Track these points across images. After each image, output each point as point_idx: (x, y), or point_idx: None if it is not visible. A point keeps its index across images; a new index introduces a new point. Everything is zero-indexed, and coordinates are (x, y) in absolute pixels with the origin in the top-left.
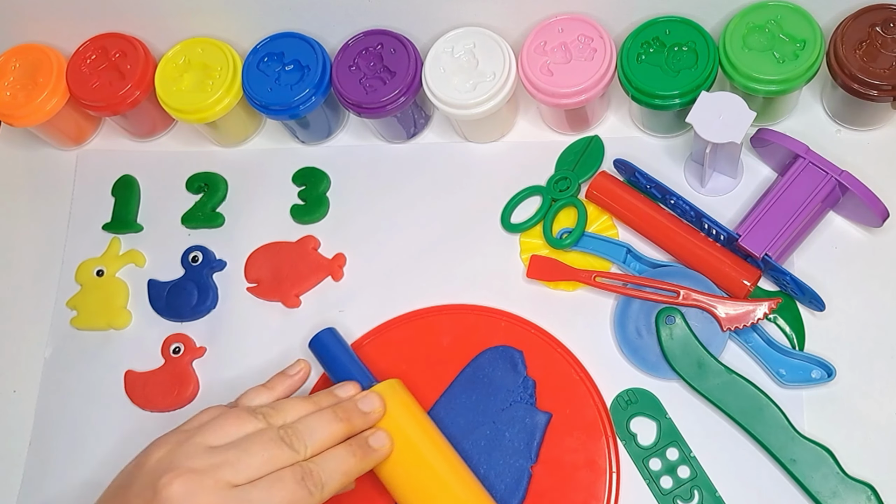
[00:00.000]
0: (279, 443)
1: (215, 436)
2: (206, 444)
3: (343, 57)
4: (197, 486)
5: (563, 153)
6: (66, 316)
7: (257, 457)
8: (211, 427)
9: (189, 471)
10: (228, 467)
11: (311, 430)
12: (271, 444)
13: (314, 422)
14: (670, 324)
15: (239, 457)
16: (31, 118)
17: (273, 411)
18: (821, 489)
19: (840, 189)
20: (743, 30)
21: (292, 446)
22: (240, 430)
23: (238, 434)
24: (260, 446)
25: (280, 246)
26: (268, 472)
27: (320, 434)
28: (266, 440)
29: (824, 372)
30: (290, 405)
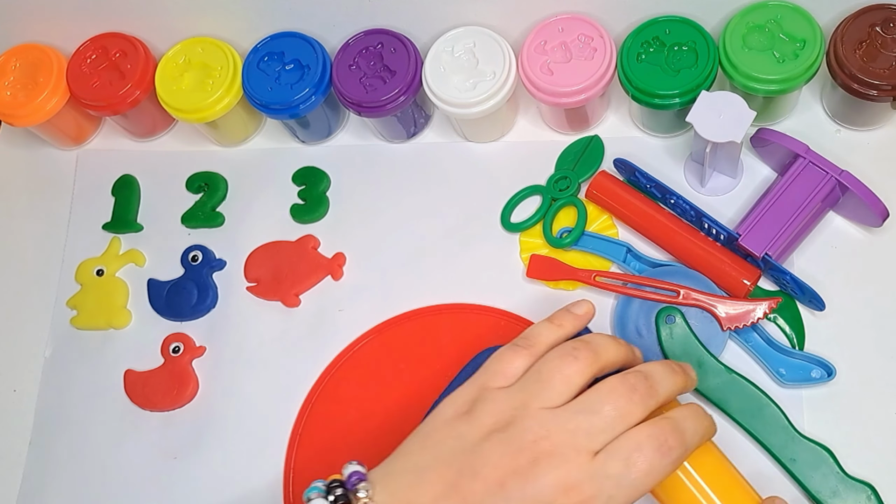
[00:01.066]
0: (629, 395)
1: (550, 394)
2: (545, 406)
3: (343, 56)
4: (561, 447)
5: (563, 153)
6: (65, 315)
7: (608, 416)
8: (541, 384)
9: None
10: (583, 434)
11: (659, 379)
12: (620, 399)
13: (658, 370)
14: (670, 323)
15: (590, 419)
16: (31, 118)
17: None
18: (821, 489)
19: (840, 189)
20: (743, 29)
21: (643, 401)
22: (570, 384)
23: (570, 387)
24: (609, 403)
25: (280, 245)
26: (622, 430)
27: (667, 383)
28: (612, 393)
29: (824, 371)
30: (604, 343)
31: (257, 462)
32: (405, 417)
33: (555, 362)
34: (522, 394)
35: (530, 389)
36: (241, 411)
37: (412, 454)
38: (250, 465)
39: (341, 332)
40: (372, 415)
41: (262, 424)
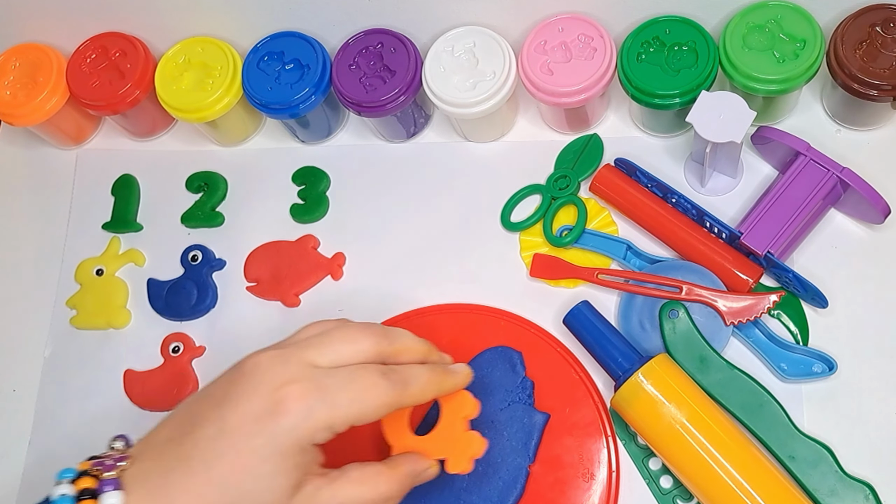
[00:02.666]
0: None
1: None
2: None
3: (343, 56)
4: (275, 359)
5: (563, 152)
6: (65, 315)
7: (344, 350)
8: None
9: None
10: (313, 350)
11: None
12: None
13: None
14: (673, 318)
15: (321, 342)
16: (31, 117)
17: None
18: (819, 487)
19: (841, 186)
20: (743, 29)
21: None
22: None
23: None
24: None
25: (280, 245)
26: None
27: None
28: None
29: (825, 366)
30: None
31: None
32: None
33: (337, 331)
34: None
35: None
36: None
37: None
38: None
39: None
40: None
41: None
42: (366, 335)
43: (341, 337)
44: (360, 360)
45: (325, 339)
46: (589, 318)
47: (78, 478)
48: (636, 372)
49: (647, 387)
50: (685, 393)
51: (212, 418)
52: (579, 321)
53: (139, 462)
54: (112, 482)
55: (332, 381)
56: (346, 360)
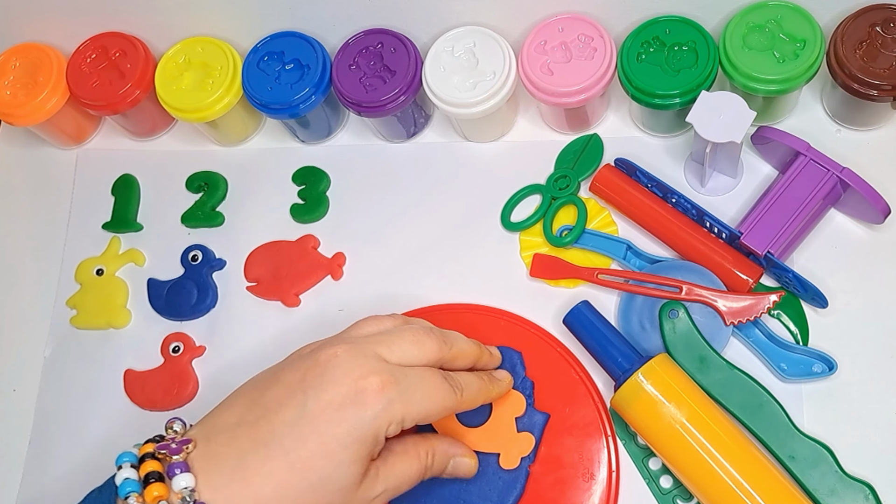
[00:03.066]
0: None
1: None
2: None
3: (343, 56)
4: (351, 352)
5: (563, 151)
6: (65, 315)
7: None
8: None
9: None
10: (383, 346)
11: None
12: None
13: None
14: (673, 318)
15: (391, 341)
16: (31, 117)
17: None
18: (819, 487)
19: (841, 186)
20: (743, 29)
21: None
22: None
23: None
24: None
25: (280, 245)
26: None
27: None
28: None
29: (825, 366)
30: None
31: None
32: None
33: (404, 332)
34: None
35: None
36: None
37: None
38: None
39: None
40: None
41: None
42: (431, 338)
43: (409, 338)
44: (424, 362)
45: (394, 337)
46: (589, 318)
47: (141, 463)
48: (636, 372)
49: (647, 387)
50: (685, 393)
51: (290, 404)
52: (579, 321)
53: (206, 445)
54: (181, 465)
55: (407, 379)
56: (413, 360)
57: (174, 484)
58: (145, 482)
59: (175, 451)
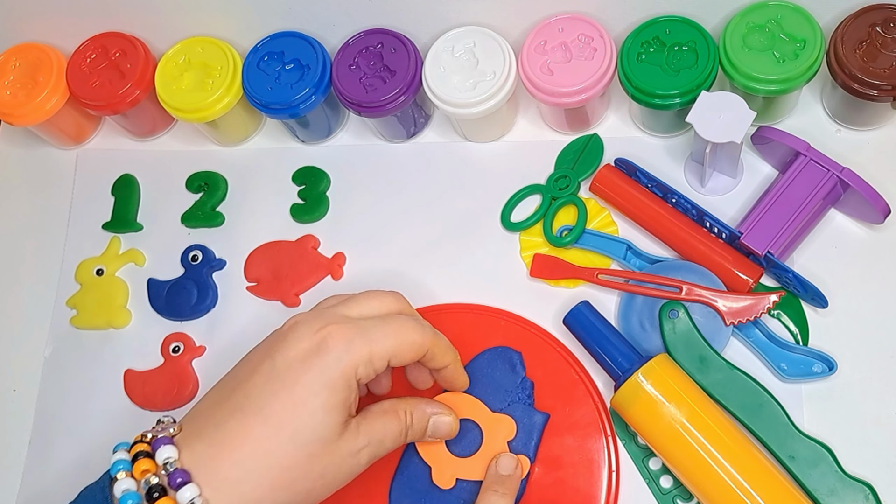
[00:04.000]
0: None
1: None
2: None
3: (343, 56)
4: (311, 315)
5: (563, 151)
6: (65, 315)
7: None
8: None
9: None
10: (342, 307)
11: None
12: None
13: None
14: (673, 318)
15: (349, 301)
16: (31, 117)
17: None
18: (819, 487)
19: (841, 186)
20: (743, 29)
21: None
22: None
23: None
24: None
25: (280, 245)
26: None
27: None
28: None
29: (825, 366)
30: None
31: None
32: None
33: (361, 293)
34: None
35: None
36: None
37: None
38: None
39: None
40: None
41: None
42: (388, 294)
43: (367, 295)
44: (385, 312)
45: (352, 298)
46: (589, 318)
47: (132, 447)
48: (636, 372)
49: (646, 387)
50: (685, 393)
51: (259, 370)
52: (579, 321)
53: (189, 425)
54: (164, 440)
55: (367, 323)
56: (374, 312)
57: (157, 457)
58: (134, 461)
59: (159, 431)
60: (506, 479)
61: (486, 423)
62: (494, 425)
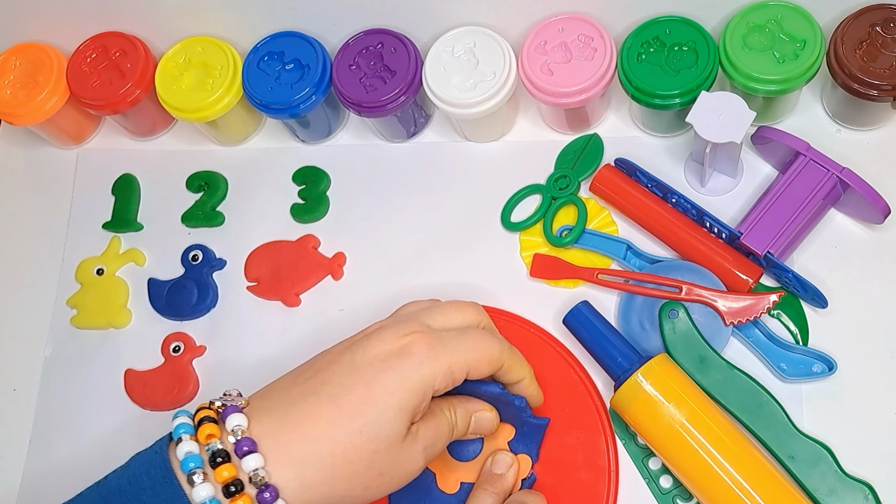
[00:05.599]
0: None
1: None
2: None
3: (343, 56)
4: (394, 320)
5: (563, 151)
6: (66, 314)
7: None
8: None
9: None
10: (425, 315)
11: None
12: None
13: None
14: (673, 318)
15: (431, 311)
16: (31, 117)
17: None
18: (818, 487)
19: (841, 186)
20: (743, 29)
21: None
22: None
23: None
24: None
25: (280, 245)
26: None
27: None
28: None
29: (825, 366)
30: None
31: None
32: None
33: (444, 303)
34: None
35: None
36: None
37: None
38: None
39: (341, 331)
40: None
41: None
42: (469, 305)
43: (449, 307)
44: (466, 325)
45: (435, 307)
46: (589, 318)
47: (196, 413)
48: (636, 372)
49: (646, 387)
50: (685, 393)
51: (339, 361)
52: (579, 321)
53: (260, 401)
54: (234, 408)
55: (449, 335)
56: (456, 324)
57: (227, 423)
58: (199, 425)
59: (229, 401)
60: (498, 479)
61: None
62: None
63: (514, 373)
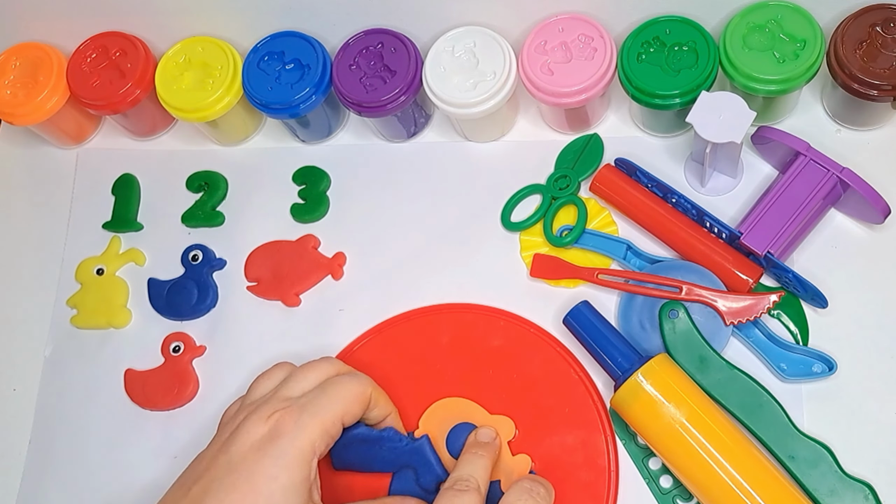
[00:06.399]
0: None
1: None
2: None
3: (343, 56)
4: (257, 407)
5: (563, 151)
6: (66, 314)
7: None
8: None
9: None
10: (283, 390)
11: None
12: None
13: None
14: (673, 318)
15: (287, 383)
16: (31, 117)
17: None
18: (818, 487)
19: (841, 186)
20: (743, 29)
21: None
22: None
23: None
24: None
25: (280, 245)
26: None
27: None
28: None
29: (825, 366)
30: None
31: None
32: (405, 417)
33: (297, 370)
34: None
35: None
36: None
37: None
38: None
39: (341, 331)
40: None
41: None
42: (322, 361)
43: (302, 371)
44: (324, 380)
45: (290, 378)
46: (589, 318)
47: None
48: (636, 372)
49: (646, 387)
50: (685, 393)
51: (216, 464)
52: (579, 321)
53: None
54: None
55: (310, 397)
56: (313, 384)
57: None
58: None
59: None
60: (485, 444)
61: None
62: (494, 427)
63: (380, 408)
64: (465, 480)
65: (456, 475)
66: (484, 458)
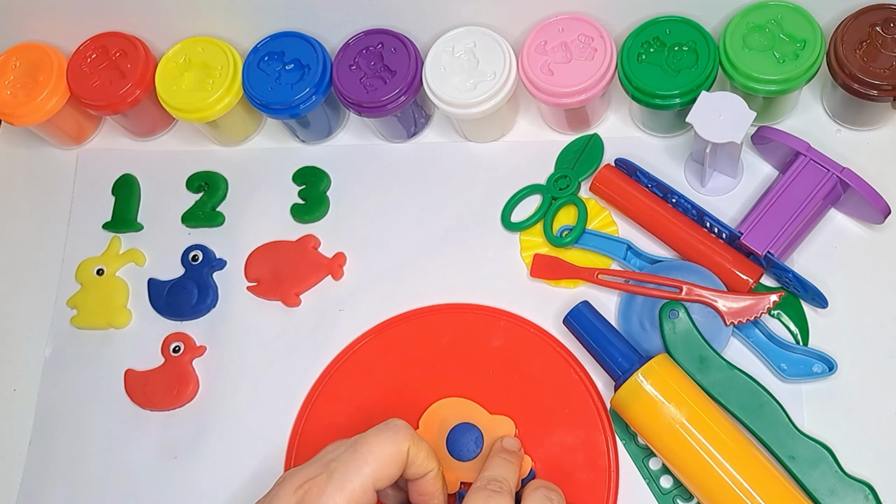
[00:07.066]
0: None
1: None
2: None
3: (343, 56)
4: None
5: (563, 151)
6: (66, 315)
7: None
8: None
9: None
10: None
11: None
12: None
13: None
14: (673, 318)
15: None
16: (31, 117)
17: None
18: (819, 487)
19: (841, 186)
20: (743, 29)
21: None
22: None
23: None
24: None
25: (280, 245)
26: None
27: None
28: None
29: (825, 366)
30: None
31: (257, 462)
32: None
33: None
34: None
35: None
36: (241, 411)
37: None
38: (250, 465)
39: (341, 332)
40: (372, 414)
41: (262, 424)
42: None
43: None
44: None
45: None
46: (589, 318)
47: None
48: (636, 372)
49: (646, 387)
50: (685, 393)
51: None
52: (579, 321)
53: None
54: None
55: (340, 459)
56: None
57: None
58: None
59: None
60: (513, 453)
61: (486, 426)
62: (494, 427)
63: (418, 465)
64: (498, 482)
65: (489, 475)
66: (513, 464)
